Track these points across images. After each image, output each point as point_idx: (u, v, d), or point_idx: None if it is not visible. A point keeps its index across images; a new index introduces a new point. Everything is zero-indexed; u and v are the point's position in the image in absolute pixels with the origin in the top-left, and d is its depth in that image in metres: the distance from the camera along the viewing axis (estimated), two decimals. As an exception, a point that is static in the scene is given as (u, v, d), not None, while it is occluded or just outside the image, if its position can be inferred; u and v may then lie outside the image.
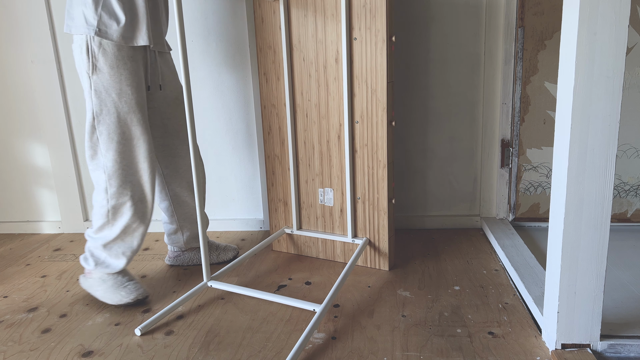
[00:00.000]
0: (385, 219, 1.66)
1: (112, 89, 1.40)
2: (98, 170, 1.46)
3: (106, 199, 1.47)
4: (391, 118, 1.59)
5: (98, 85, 1.40)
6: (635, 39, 1.77)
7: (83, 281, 1.60)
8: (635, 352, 1.19)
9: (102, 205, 1.49)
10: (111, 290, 1.53)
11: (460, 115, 1.99)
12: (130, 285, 1.55)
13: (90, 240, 1.55)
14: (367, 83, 1.57)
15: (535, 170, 1.96)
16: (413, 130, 2.02)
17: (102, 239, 1.52)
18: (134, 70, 1.43)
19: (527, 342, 1.27)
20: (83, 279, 1.60)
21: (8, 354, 1.32)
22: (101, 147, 1.44)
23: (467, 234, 2.01)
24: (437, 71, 1.95)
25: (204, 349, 1.30)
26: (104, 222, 1.50)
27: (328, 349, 1.27)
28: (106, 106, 1.41)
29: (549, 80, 1.87)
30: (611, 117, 1.06)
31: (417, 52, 1.94)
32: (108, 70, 1.39)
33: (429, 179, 2.07)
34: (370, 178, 1.65)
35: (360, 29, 1.54)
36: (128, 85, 1.42)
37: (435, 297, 1.52)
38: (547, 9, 1.81)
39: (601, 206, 1.11)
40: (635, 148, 1.87)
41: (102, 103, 1.41)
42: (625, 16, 1.01)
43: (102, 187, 1.47)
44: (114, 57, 1.39)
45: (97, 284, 1.55)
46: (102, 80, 1.39)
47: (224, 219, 2.17)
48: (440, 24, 1.91)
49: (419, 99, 1.98)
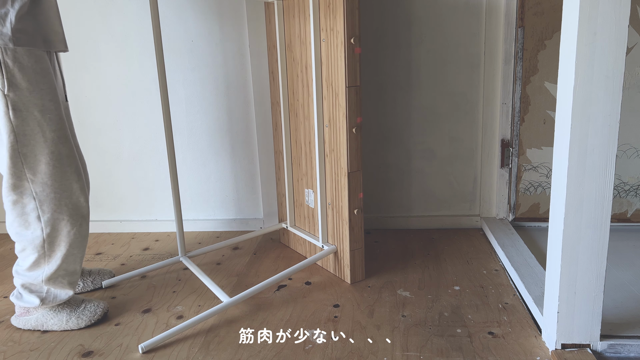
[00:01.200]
0: (347, 229, 1.58)
1: (33, 106, 1.24)
2: (25, 199, 1.29)
3: (40, 228, 1.31)
4: (354, 124, 1.50)
5: (17, 103, 1.22)
6: (635, 39, 1.77)
7: (23, 321, 1.41)
8: (635, 352, 1.19)
9: (35, 237, 1.32)
10: (73, 317, 1.41)
11: (460, 115, 1.99)
12: (89, 305, 1.44)
13: (22, 277, 1.37)
14: (333, 86, 1.52)
15: (535, 170, 1.96)
16: (413, 130, 2.02)
17: (40, 275, 1.35)
18: (52, 82, 1.28)
19: (527, 342, 1.27)
20: (20, 319, 1.41)
21: (8, 354, 1.32)
22: (27, 172, 1.27)
23: (467, 234, 2.01)
24: (437, 71, 1.95)
25: (204, 349, 1.30)
26: (39, 256, 1.34)
27: (328, 349, 1.27)
28: (29, 126, 1.24)
29: (549, 80, 1.87)
30: (611, 117, 1.06)
31: (417, 52, 1.94)
32: (27, 85, 1.23)
33: (429, 179, 2.07)
34: (336, 185, 1.60)
35: (327, 30, 1.50)
36: (50, 100, 1.27)
37: (435, 297, 1.52)
38: (547, 9, 1.81)
39: (601, 206, 1.11)
40: (635, 148, 1.87)
41: (24, 123, 1.24)
42: (625, 16, 1.01)
43: (32, 217, 1.31)
44: (31, 71, 1.23)
45: (49, 317, 1.40)
46: (21, 97, 1.22)
47: (224, 218, 2.17)
48: (440, 24, 1.91)
49: (418, 99, 1.98)
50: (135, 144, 2.11)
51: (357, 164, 1.54)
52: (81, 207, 1.36)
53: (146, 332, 1.39)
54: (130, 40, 2.00)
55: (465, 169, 2.04)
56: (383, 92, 1.99)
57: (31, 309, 1.40)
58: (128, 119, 2.09)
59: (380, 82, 1.98)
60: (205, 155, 2.11)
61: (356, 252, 1.61)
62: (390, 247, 1.92)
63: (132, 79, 2.04)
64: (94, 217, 2.22)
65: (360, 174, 1.56)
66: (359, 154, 1.54)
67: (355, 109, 1.50)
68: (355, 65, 1.47)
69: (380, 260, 1.80)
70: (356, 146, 1.53)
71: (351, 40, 1.43)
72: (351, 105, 1.48)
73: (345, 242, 1.60)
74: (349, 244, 1.59)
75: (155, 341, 1.31)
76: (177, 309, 1.51)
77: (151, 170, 2.14)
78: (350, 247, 1.59)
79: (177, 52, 1.99)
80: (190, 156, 2.11)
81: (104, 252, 1.98)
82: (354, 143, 1.52)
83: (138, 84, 2.04)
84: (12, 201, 1.30)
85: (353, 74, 1.47)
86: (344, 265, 1.64)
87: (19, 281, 1.38)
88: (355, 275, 1.63)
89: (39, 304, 1.38)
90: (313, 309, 1.47)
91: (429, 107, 1.99)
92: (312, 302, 1.52)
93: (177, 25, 1.97)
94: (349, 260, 1.61)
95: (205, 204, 2.16)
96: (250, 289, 1.49)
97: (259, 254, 1.90)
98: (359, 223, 1.59)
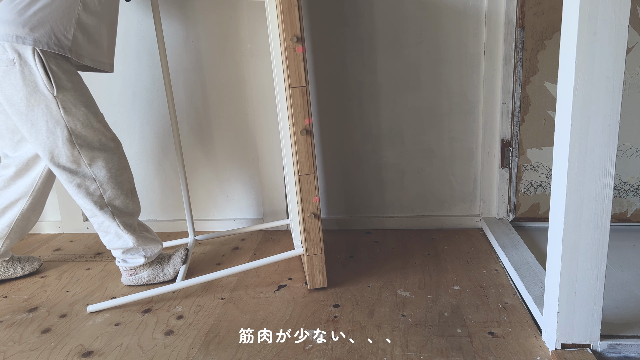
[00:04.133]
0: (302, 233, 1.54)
1: (79, 103, 1.41)
2: (87, 181, 1.48)
3: (106, 205, 1.52)
4: (300, 127, 1.44)
5: (65, 102, 1.38)
6: (635, 39, 1.77)
7: (135, 279, 1.65)
8: (635, 352, 1.19)
9: (105, 213, 1.53)
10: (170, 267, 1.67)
11: (460, 115, 1.99)
12: (174, 255, 1.71)
13: (117, 249, 1.59)
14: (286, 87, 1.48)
15: (535, 170, 1.96)
16: (413, 130, 2.02)
17: (128, 242, 1.57)
18: (83, 82, 1.47)
19: (527, 342, 1.27)
20: (131, 278, 1.65)
21: (8, 354, 1.32)
22: (84, 158, 1.45)
23: (467, 234, 2.01)
24: (437, 71, 1.95)
25: (204, 349, 1.30)
26: (116, 227, 1.55)
27: (328, 349, 1.28)
28: (79, 119, 1.41)
29: (549, 80, 1.87)
30: (611, 117, 1.06)
31: (417, 52, 1.94)
32: (71, 85, 1.39)
33: (429, 179, 2.07)
34: (296, 187, 1.56)
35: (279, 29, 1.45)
36: (90, 96, 1.46)
37: (435, 297, 1.52)
38: (547, 9, 1.81)
39: (601, 206, 1.11)
40: (635, 148, 1.87)
41: (75, 118, 1.41)
42: (625, 16, 1.01)
43: (96, 196, 1.50)
44: (71, 73, 1.40)
45: (159, 270, 1.66)
46: (68, 96, 1.38)
47: (223, 219, 2.17)
48: (440, 24, 1.91)
49: (418, 99, 1.98)
50: (135, 144, 2.11)
51: (308, 167, 1.48)
52: (131, 180, 1.59)
53: (146, 332, 1.40)
54: (131, 40, 2.00)
55: (465, 169, 2.04)
56: (383, 92, 1.99)
57: (138, 268, 1.63)
58: (128, 119, 2.08)
59: (380, 82, 1.98)
60: (205, 155, 2.10)
61: (314, 258, 1.55)
62: (390, 247, 1.92)
63: (132, 79, 2.04)
64: (94, 217, 2.22)
65: (314, 177, 1.49)
66: (310, 157, 1.47)
67: (302, 110, 1.44)
68: (299, 65, 1.41)
69: (380, 260, 1.80)
70: (306, 149, 1.47)
71: (289, 39, 1.39)
72: (296, 107, 1.43)
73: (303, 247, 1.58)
74: (305, 249, 1.55)
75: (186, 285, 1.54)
76: (177, 309, 1.51)
77: (151, 170, 2.14)
78: (306, 252, 1.55)
79: (177, 52, 2.00)
80: (189, 156, 2.11)
81: (104, 252, 1.99)
82: (302, 145, 1.46)
83: (138, 84, 2.04)
84: (77, 184, 1.48)
85: (296, 74, 1.42)
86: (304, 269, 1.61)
87: (117, 252, 1.61)
88: (314, 281, 1.58)
89: (144, 261, 1.61)
90: (313, 309, 1.47)
91: (429, 107, 1.99)
92: (312, 302, 1.52)
93: (178, 24, 1.97)
94: (306, 265, 1.57)
95: (205, 204, 2.16)
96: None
97: (259, 254, 1.90)
98: (315, 228, 1.53)
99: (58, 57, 1.35)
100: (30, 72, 1.32)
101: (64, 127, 1.40)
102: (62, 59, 1.37)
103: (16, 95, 1.35)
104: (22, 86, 1.33)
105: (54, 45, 1.32)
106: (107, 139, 1.50)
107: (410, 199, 2.10)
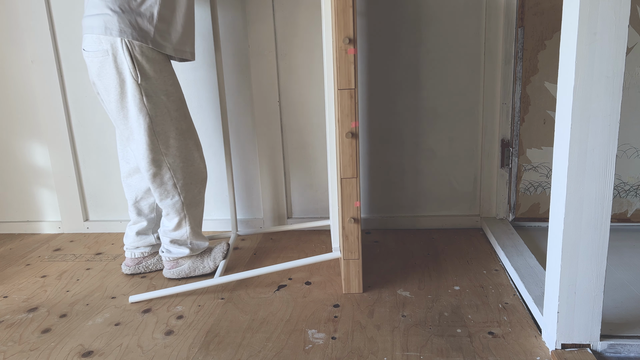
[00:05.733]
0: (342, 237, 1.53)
1: (160, 91, 1.48)
2: (162, 170, 1.54)
3: (178, 194, 1.58)
4: (346, 129, 1.43)
5: (148, 90, 1.45)
6: (635, 39, 1.77)
7: (176, 272, 1.69)
8: (635, 352, 1.19)
9: (175, 202, 1.59)
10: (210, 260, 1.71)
11: (460, 115, 1.99)
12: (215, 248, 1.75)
13: (170, 235, 1.64)
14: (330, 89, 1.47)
15: (535, 170, 1.96)
16: (413, 130, 2.02)
17: (184, 233, 1.64)
18: (171, 70, 1.53)
19: (527, 342, 1.27)
20: (172, 271, 1.68)
21: (8, 354, 1.32)
22: (161, 147, 1.52)
23: (467, 234, 2.01)
24: (437, 71, 1.95)
25: (204, 349, 1.30)
26: (180, 218, 1.61)
27: (328, 349, 1.27)
28: (158, 108, 1.48)
29: (549, 80, 1.87)
30: (611, 117, 1.06)
31: (417, 52, 1.94)
32: (154, 74, 1.46)
33: (429, 179, 2.07)
34: (337, 190, 1.55)
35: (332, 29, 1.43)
36: (171, 85, 1.51)
37: (435, 297, 1.52)
38: (547, 9, 1.81)
39: (601, 206, 1.11)
40: (635, 148, 1.87)
41: (155, 106, 1.47)
42: (625, 16, 1.01)
43: (169, 185, 1.56)
44: (156, 62, 1.46)
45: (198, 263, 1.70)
46: (151, 84, 1.45)
47: (223, 219, 2.17)
48: (440, 24, 1.91)
49: (418, 99, 1.98)
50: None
51: (351, 171, 1.47)
52: (202, 172, 1.64)
53: (146, 332, 1.40)
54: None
55: (465, 169, 2.04)
56: (383, 92, 1.99)
57: (180, 260, 1.67)
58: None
59: (380, 83, 1.98)
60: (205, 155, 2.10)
61: (351, 263, 1.54)
62: (390, 247, 1.92)
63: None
64: (94, 217, 2.23)
65: (356, 181, 1.47)
66: (354, 160, 1.46)
67: (349, 113, 1.42)
68: (349, 67, 1.40)
69: (380, 260, 1.80)
70: (350, 152, 1.45)
71: (341, 40, 1.38)
72: (343, 109, 1.42)
73: (341, 251, 1.56)
74: (342, 253, 1.54)
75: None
76: (177, 309, 1.51)
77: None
78: (344, 256, 1.54)
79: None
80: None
81: (104, 252, 1.99)
82: (347, 148, 1.44)
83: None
84: (152, 174, 1.54)
85: (345, 76, 1.40)
86: (341, 273, 1.61)
87: (167, 239, 1.65)
88: (350, 286, 1.56)
89: (188, 253, 1.66)
90: (313, 309, 1.47)
91: (429, 107, 1.99)
92: (312, 302, 1.52)
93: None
94: (342, 269, 1.56)
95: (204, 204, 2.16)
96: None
97: (259, 254, 1.90)
98: (354, 233, 1.51)
99: (143, 46, 1.43)
100: (121, 62, 1.42)
101: (145, 114, 1.47)
102: (148, 48, 1.44)
103: (111, 83, 1.45)
104: (115, 75, 1.43)
105: (137, 36, 1.41)
106: (183, 130, 1.55)
107: (410, 199, 2.10)
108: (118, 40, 1.40)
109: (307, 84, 2.00)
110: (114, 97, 1.47)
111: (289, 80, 2.00)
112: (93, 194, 2.20)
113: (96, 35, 1.42)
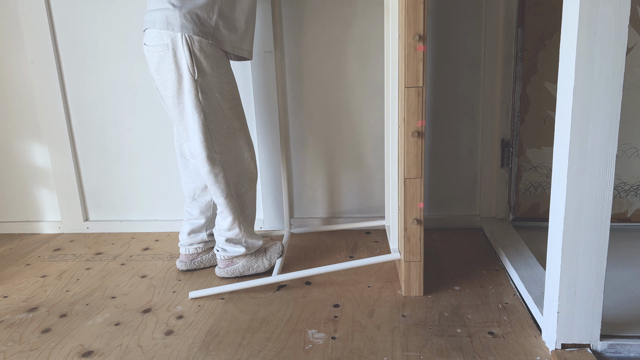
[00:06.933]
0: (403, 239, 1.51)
1: (215, 89, 1.47)
2: (216, 168, 1.53)
3: (230, 193, 1.57)
4: (412, 128, 1.41)
5: (203, 86, 1.45)
6: (635, 39, 1.77)
7: (230, 270, 1.67)
8: (635, 352, 1.19)
9: (228, 201, 1.58)
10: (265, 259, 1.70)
11: (460, 115, 1.99)
12: (270, 248, 1.74)
13: (225, 234, 1.63)
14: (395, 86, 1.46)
15: (535, 170, 1.96)
16: (413, 130, 2.02)
17: (238, 232, 1.63)
18: (229, 67, 1.52)
19: (527, 342, 1.27)
20: (226, 270, 1.67)
21: (8, 354, 1.32)
22: (214, 144, 1.51)
23: (467, 234, 2.01)
24: (436, 71, 1.95)
25: (204, 349, 1.30)
26: (234, 216, 1.60)
27: (328, 349, 1.28)
28: (212, 105, 1.48)
29: (549, 80, 1.87)
30: (611, 117, 1.06)
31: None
32: (210, 71, 1.45)
33: (428, 179, 2.07)
34: (399, 190, 1.53)
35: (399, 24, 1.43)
36: (226, 83, 1.50)
37: (435, 297, 1.52)
38: (547, 9, 1.81)
39: (601, 206, 1.11)
40: (635, 148, 1.87)
41: (209, 103, 1.47)
42: (625, 16, 1.01)
43: (223, 184, 1.55)
44: (213, 58, 1.45)
45: (253, 262, 1.68)
46: (206, 81, 1.45)
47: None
48: (440, 23, 1.91)
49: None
50: (135, 144, 2.11)
51: (415, 171, 1.45)
52: (252, 172, 1.63)
53: (146, 332, 1.40)
54: (131, 40, 2.00)
55: (465, 169, 2.04)
56: (382, 92, 1.99)
57: (235, 259, 1.66)
58: (128, 119, 2.09)
59: (380, 83, 1.98)
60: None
61: (412, 265, 1.51)
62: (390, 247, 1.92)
63: (133, 79, 2.04)
64: (94, 217, 2.23)
65: (420, 181, 1.45)
66: (419, 160, 1.44)
67: (415, 112, 1.40)
68: (418, 64, 1.37)
69: (380, 260, 1.80)
70: (416, 151, 1.43)
71: (411, 37, 1.35)
72: (410, 108, 1.40)
73: (401, 253, 1.55)
74: (404, 255, 1.52)
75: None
76: (177, 309, 1.51)
77: (151, 170, 2.14)
78: (404, 258, 1.51)
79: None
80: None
81: (104, 252, 1.99)
82: (412, 148, 1.42)
83: (138, 84, 2.04)
84: (207, 171, 1.54)
85: (413, 74, 1.38)
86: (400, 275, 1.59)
87: (222, 238, 1.64)
88: (410, 289, 1.53)
89: (244, 252, 1.65)
90: (313, 309, 1.47)
91: (429, 107, 1.99)
92: (312, 302, 1.52)
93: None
94: (403, 271, 1.54)
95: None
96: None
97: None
98: (416, 235, 1.48)
99: (202, 41, 1.42)
100: (180, 56, 1.42)
101: (200, 111, 1.46)
102: (207, 44, 1.43)
103: (169, 78, 1.45)
104: (174, 70, 1.43)
105: (198, 31, 1.41)
106: (235, 129, 1.54)
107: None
108: (179, 35, 1.40)
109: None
110: (172, 93, 1.46)
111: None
112: (93, 194, 2.20)
113: (157, 30, 1.42)
